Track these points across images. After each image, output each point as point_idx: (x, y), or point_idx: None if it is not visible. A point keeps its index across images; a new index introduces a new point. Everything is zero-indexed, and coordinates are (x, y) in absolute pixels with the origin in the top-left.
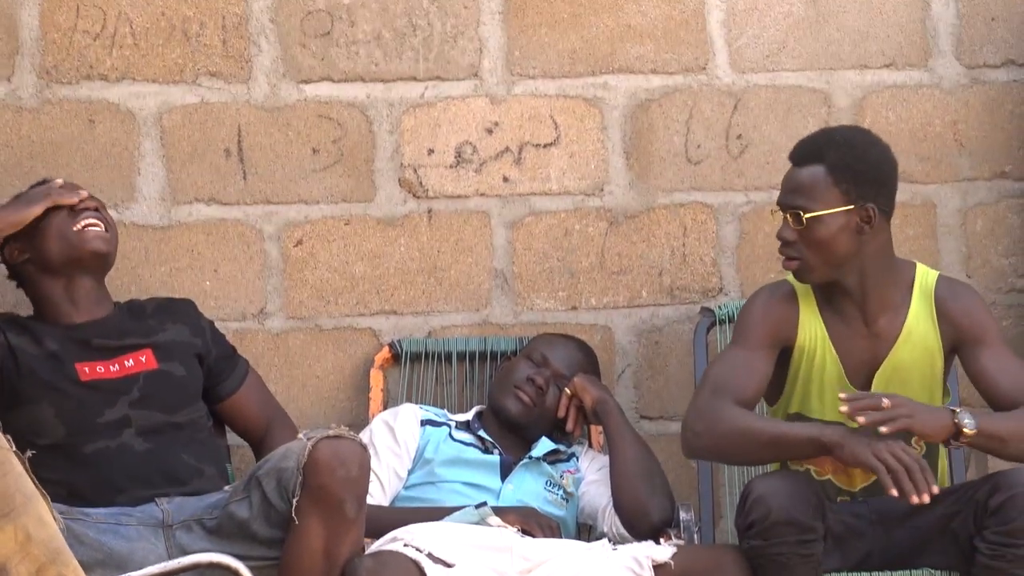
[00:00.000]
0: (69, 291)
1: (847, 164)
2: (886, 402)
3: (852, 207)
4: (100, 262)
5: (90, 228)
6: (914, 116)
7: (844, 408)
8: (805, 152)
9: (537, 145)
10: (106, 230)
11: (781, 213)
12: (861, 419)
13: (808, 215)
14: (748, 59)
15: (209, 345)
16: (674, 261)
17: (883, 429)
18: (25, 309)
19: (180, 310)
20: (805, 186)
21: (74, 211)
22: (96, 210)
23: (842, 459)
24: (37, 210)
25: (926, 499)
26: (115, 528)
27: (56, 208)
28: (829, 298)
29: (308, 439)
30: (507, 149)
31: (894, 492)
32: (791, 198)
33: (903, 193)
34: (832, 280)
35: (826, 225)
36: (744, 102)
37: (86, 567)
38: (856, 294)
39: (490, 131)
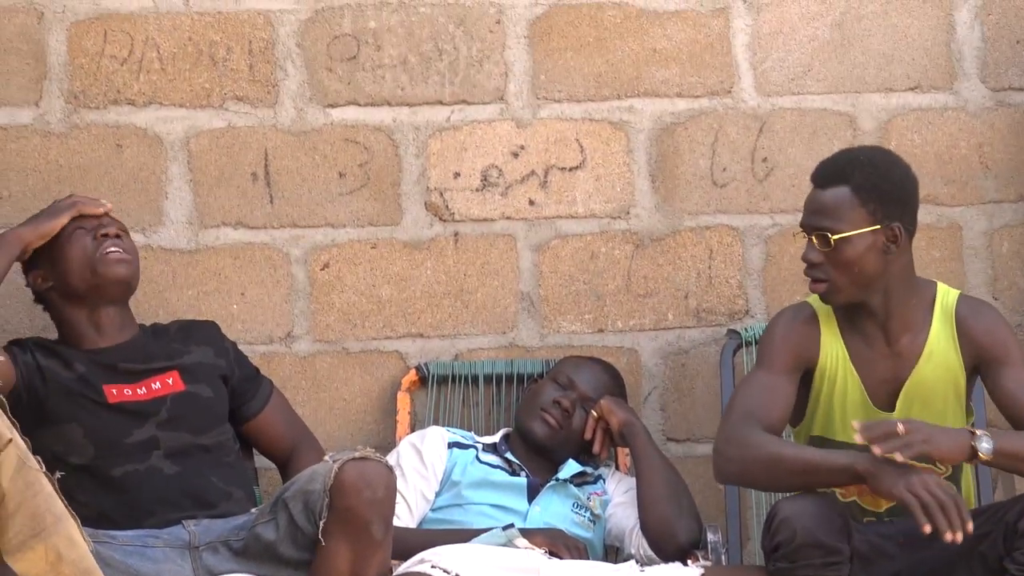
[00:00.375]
0: (93, 318)
1: (873, 184)
2: (901, 428)
3: (879, 227)
4: (122, 288)
5: (112, 254)
6: (939, 139)
7: (859, 438)
8: (829, 173)
9: (563, 168)
10: (128, 256)
11: (804, 235)
12: (877, 449)
13: (836, 236)
14: (773, 82)
15: (233, 366)
16: (700, 284)
17: (898, 457)
18: (52, 332)
19: (203, 332)
20: (831, 207)
21: (96, 239)
22: (118, 236)
23: (875, 490)
24: (64, 219)
25: (959, 538)
26: (142, 551)
27: (80, 229)
28: (851, 319)
29: (334, 461)
30: (533, 172)
31: (927, 528)
32: (817, 220)
33: (929, 215)
34: (858, 301)
35: (853, 246)
36: (769, 125)
37: None
38: (879, 314)
39: (516, 154)
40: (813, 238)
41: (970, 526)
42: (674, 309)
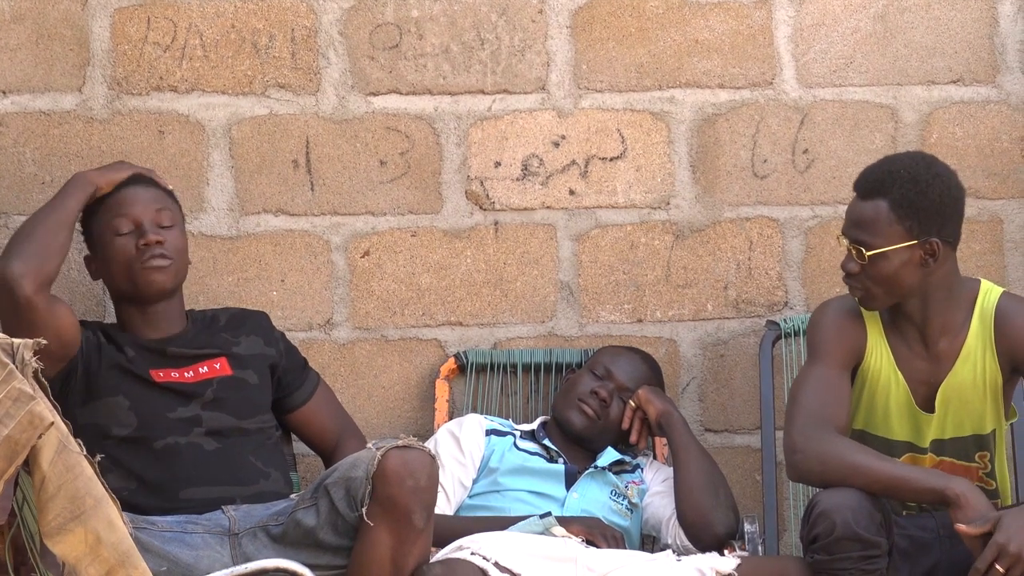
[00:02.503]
0: (142, 312)
1: (911, 201)
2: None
3: (915, 242)
4: (163, 294)
5: (150, 265)
6: (981, 132)
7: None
8: (868, 186)
9: (604, 158)
10: (168, 261)
11: (845, 240)
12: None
13: (872, 252)
14: (815, 74)
15: (282, 356)
16: (740, 275)
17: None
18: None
19: (254, 322)
20: (868, 221)
21: (138, 248)
22: (160, 243)
23: (962, 519)
24: (126, 173)
25: None
26: (180, 536)
27: (121, 237)
28: (893, 318)
29: (377, 448)
30: (574, 162)
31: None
32: (854, 232)
33: (970, 208)
34: (895, 303)
35: (889, 261)
36: (811, 117)
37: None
38: (917, 319)
39: (557, 144)
40: (851, 248)
41: None
42: (713, 300)
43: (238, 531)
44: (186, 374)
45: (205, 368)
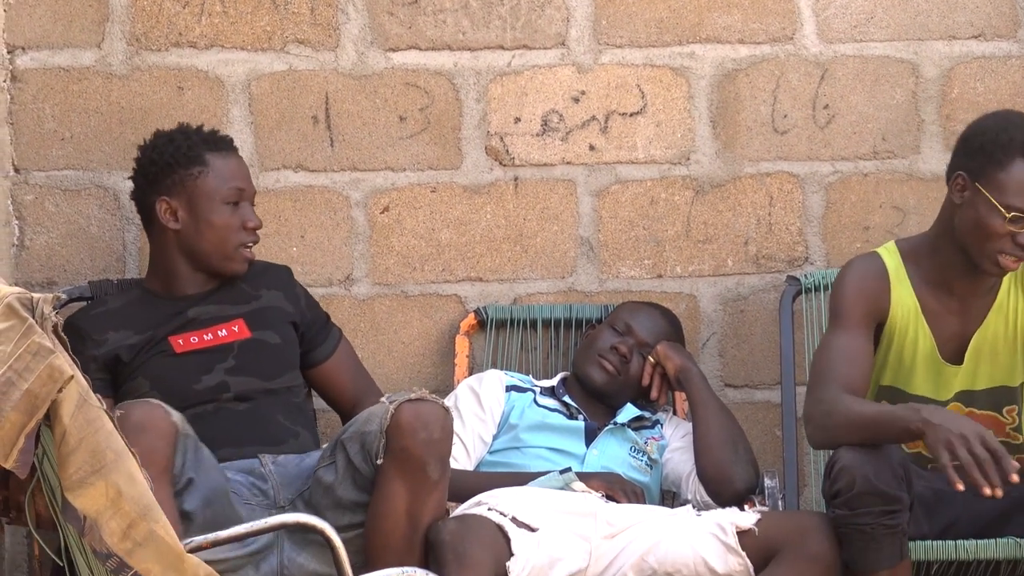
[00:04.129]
0: (191, 273)
1: None
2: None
3: None
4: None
5: (247, 252)
6: (1002, 87)
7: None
8: None
9: (623, 114)
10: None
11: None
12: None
13: None
14: (836, 29)
15: (304, 312)
16: (760, 230)
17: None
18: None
19: (275, 276)
20: None
21: (245, 228)
22: (257, 229)
23: (927, 447)
24: None
25: (999, 493)
26: (240, 500)
27: (235, 205)
28: (923, 273)
29: (391, 402)
30: (593, 118)
31: (960, 487)
32: None
33: None
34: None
35: None
36: (831, 72)
37: (211, 530)
38: (968, 269)
39: (577, 100)
40: None
41: (1015, 476)
42: (733, 255)
43: (283, 503)
44: (205, 336)
45: (224, 331)
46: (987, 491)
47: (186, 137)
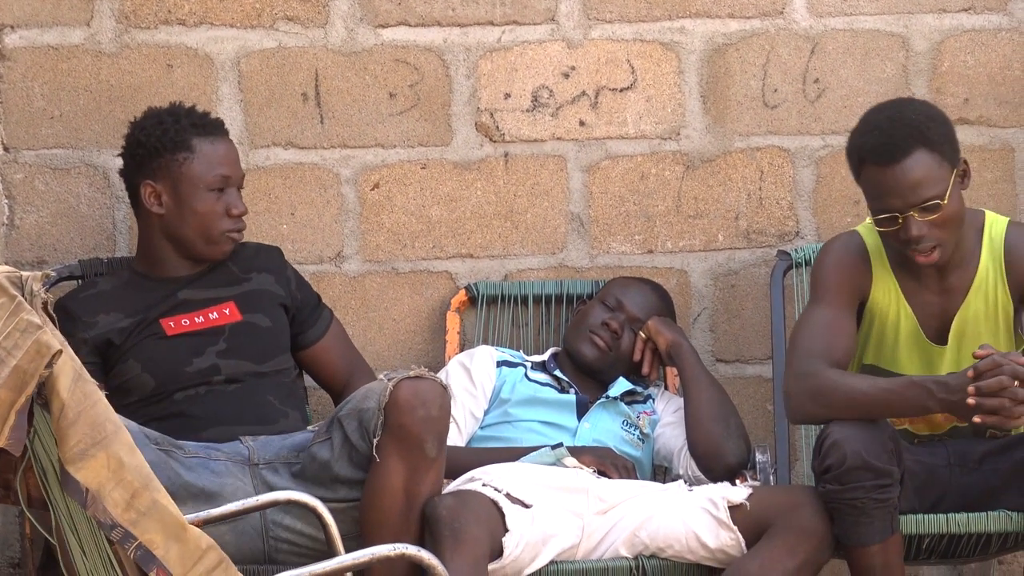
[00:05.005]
0: (177, 257)
1: (939, 135)
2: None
3: (955, 170)
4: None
5: (232, 236)
6: (993, 60)
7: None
8: (899, 145)
9: (613, 89)
10: (242, 234)
11: (896, 218)
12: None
13: (944, 201)
14: (825, 3)
15: (294, 294)
16: (750, 205)
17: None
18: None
19: (265, 258)
20: (924, 176)
21: (229, 215)
22: (242, 215)
23: (951, 413)
24: None
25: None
26: (205, 462)
27: (218, 192)
28: (900, 256)
29: (389, 380)
30: (583, 93)
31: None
32: (921, 193)
33: (981, 137)
34: None
35: (953, 200)
36: (821, 46)
37: (178, 500)
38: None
39: (567, 75)
40: (914, 213)
41: None
42: (724, 230)
43: (258, 461)
44: (196, 319)
45: (215, 314)
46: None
47: (175, 120)
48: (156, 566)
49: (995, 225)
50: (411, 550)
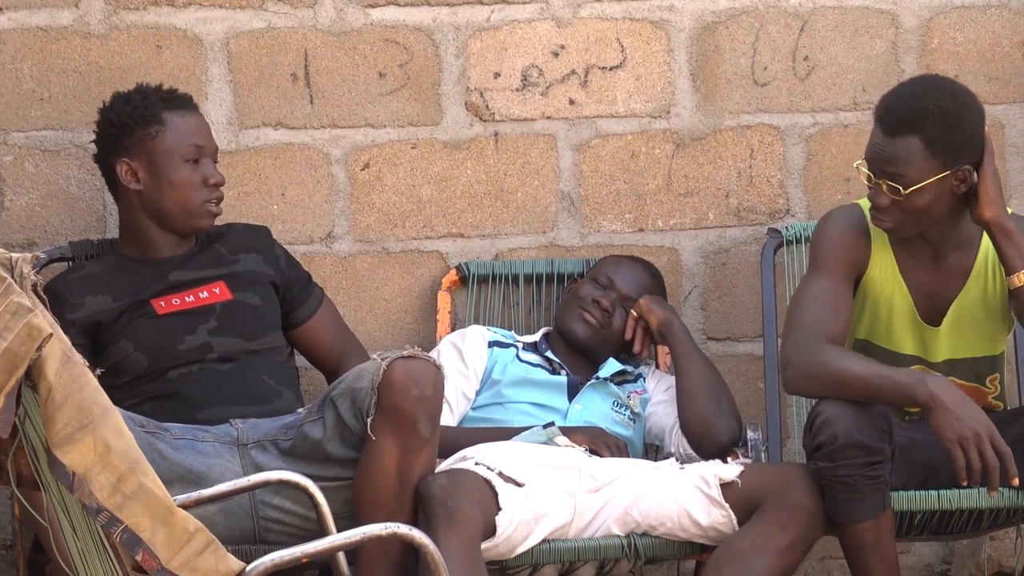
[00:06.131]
0: (162, 235)
1: (944, 137)
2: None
3: (948, 172)
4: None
5: (210, 207)
6: (982, 37)
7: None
8: (899, 123)
9: (603, 68)
10: (221, 207)
11: (868, 173)
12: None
13: (909, 189)
14: None
15: (283, 272)
16: (741, 183)
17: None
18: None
19: (253, 239)
20: (901, 158)
21: (206, 185)
22: (220, 185)
23: (931, 425)
24: None
25: (994, 495)
26: (192, 444)
27: (193, 163)
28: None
29: (383, 359)
30: (573, 72)
31: (965, 483)
32: (886, 167)
33: None
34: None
35: (924, 195)
36: (811, 24)
37: (165, 482)
38: (933, 236)
39: (556, 54)
40: (882, 184)
41: (1015, 482)
42: (715, 208)
43: (247, 442)
44: (187, 298)
45: (205, 293)
46: (993, 494)
47: (143, 97)
48: (143, 549)
49: None
50: (403, 529)
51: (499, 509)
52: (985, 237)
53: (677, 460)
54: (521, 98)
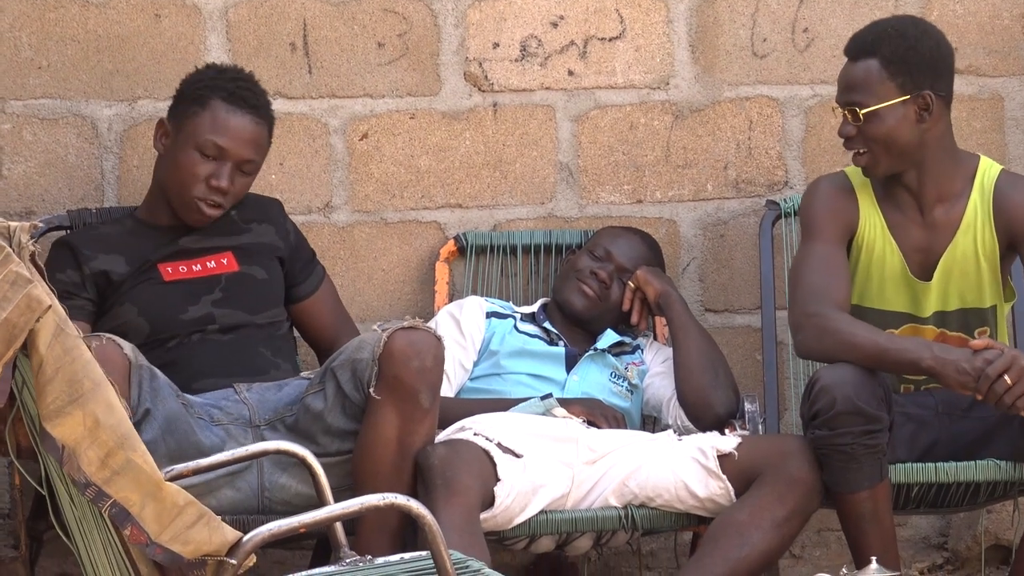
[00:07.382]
0: (168, 205)
1: (901, 56)
2: (1008, 380)
3: (908, 97)
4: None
5: (202, 207)
6: (982, 9)
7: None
8: (858, 46)
9: (602, 39)
10: (219, 211)
11: (841, 111)
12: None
13: (865, 111)
14: None
15: (292, 247)
16: (739, 154)
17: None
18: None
19: (265, 210)
20: (860, 81)
21: (208, 185)
22: (226, 193)
23: (946, 386)
24: None
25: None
26: (209, 426)
27: (205, 157)
28: (886, 187)
29: (383, 330)
30: (572, 43)
31: (980, 397)
32: (848, 95)
33: (970, 86)
34: (898, 171)
35: (883, 119)
36: None
37: (184, 459)
38: (913, 183)
39: (555, 25)
40: (847, 112)
41: None
42: (713, 180)
43: (259, 423)
44: (194, 267)
45: (212, 263)
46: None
47: (216, 76)
48: (131, 524)
49: (989, 170)
50: (400, 500)
51: (497, 480)
52: (975, 193)
53: (675, 432)
54: (520, 69)
